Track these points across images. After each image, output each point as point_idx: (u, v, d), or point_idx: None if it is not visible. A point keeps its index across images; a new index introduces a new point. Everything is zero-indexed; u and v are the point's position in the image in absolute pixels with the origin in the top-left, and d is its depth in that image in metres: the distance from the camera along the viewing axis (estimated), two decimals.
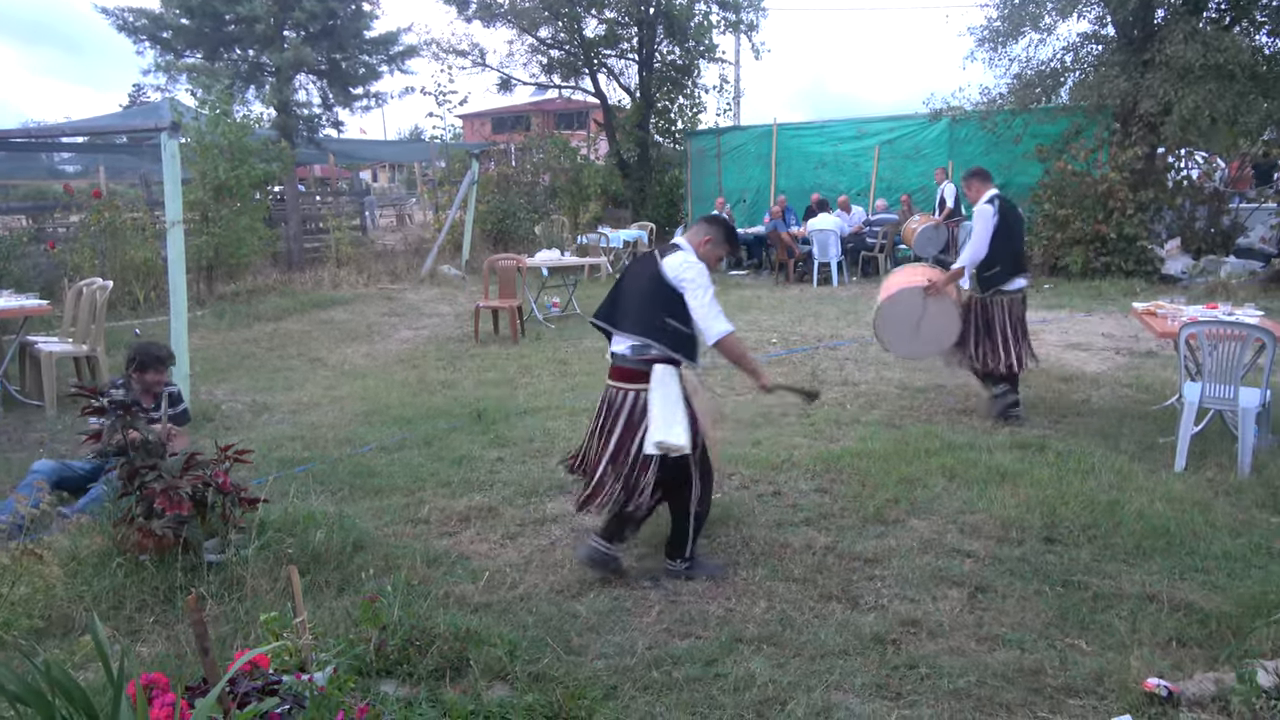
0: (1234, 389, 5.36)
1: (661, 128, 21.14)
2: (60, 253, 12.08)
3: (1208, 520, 4.58)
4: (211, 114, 12.70)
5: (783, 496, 5.21)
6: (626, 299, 4.11)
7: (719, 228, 4.23)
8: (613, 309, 4.15)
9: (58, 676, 2.15)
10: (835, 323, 10.91)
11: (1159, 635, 3.54)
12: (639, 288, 4.08)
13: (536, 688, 3.19)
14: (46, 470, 5.02)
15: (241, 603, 3.76)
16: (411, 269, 15.74)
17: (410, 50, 18.93)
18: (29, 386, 7.77)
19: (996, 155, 15.42)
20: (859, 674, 3.34)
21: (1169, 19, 12.45)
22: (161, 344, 5.28)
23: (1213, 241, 13.46)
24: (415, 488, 5.42)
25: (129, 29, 16.64)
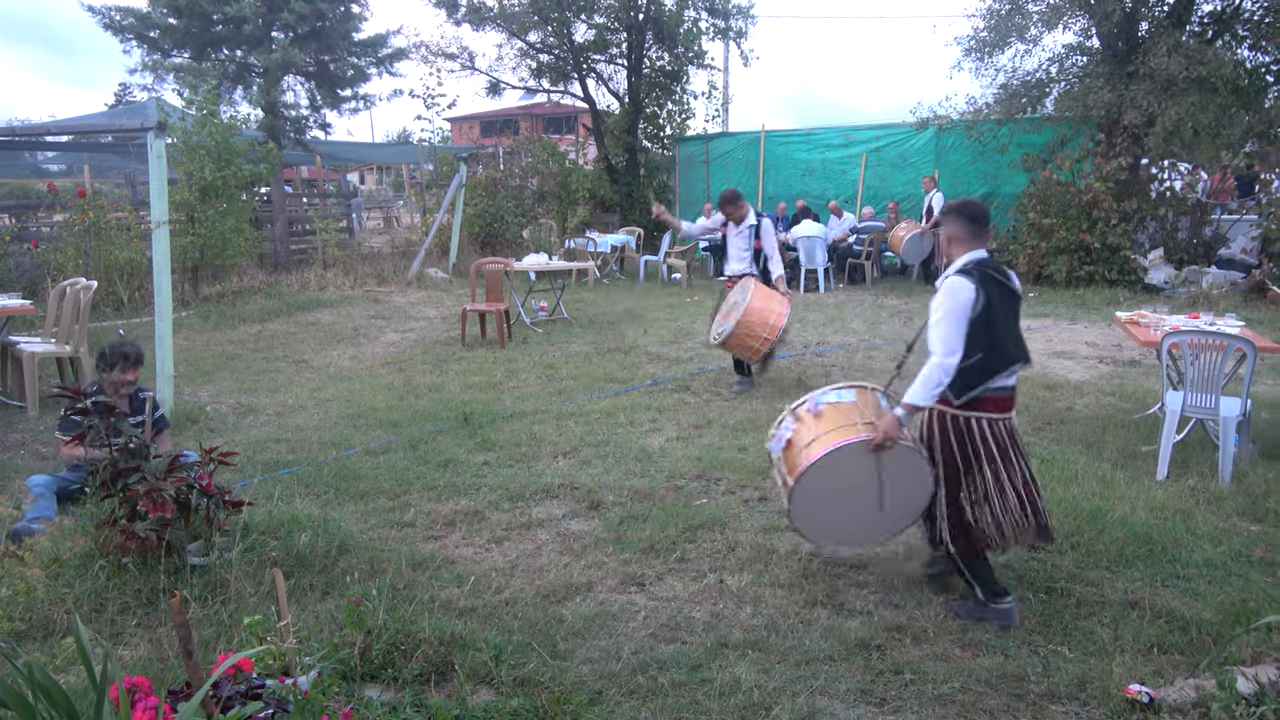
0: (1215, 398, 5.42)
1: (650, 133, 21.18)
2: (44, 252, 11.98)
3: (1189, 528, 4.62)
4: (198, 114, 12.63)
5: (769, 502, 5.23)
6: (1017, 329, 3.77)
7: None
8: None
9: (40, 679, 2.13)
10: (821, 329, 10.95)
11: (1141, 642, 3.57)
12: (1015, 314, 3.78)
13: (522, 692, 3.19)
14: (43, 485, 4.98)
15: (225, 606, 3.74)
16: (398, 272, 15.70)
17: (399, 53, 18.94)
18: (10, 387, 7.70)
19: (982, 164, 15.55)
20: (844, 679, 3.35)
21: (1153, 32, 12.59)
22: (128, 341, 5.20)
23: (1195, 252, 13.60)
24: (401, 491, 5.40)
25: (116, 28, 16.57)
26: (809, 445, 3.83)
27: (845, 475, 3.78)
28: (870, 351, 9.55)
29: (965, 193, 15.92)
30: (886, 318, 11.72)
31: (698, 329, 10.94)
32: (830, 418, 3.89)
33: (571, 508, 5.17)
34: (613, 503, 5.20)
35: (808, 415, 3.96)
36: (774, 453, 4.03)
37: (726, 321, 7.57)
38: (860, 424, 3.80)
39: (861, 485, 3.80)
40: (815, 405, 3.98)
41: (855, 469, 3.76)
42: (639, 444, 6.33)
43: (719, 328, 7.66)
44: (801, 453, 3.84)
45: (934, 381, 3.62)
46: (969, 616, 3.79)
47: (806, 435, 3.89)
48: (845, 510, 3.91)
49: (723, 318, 7.73)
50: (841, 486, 3.81)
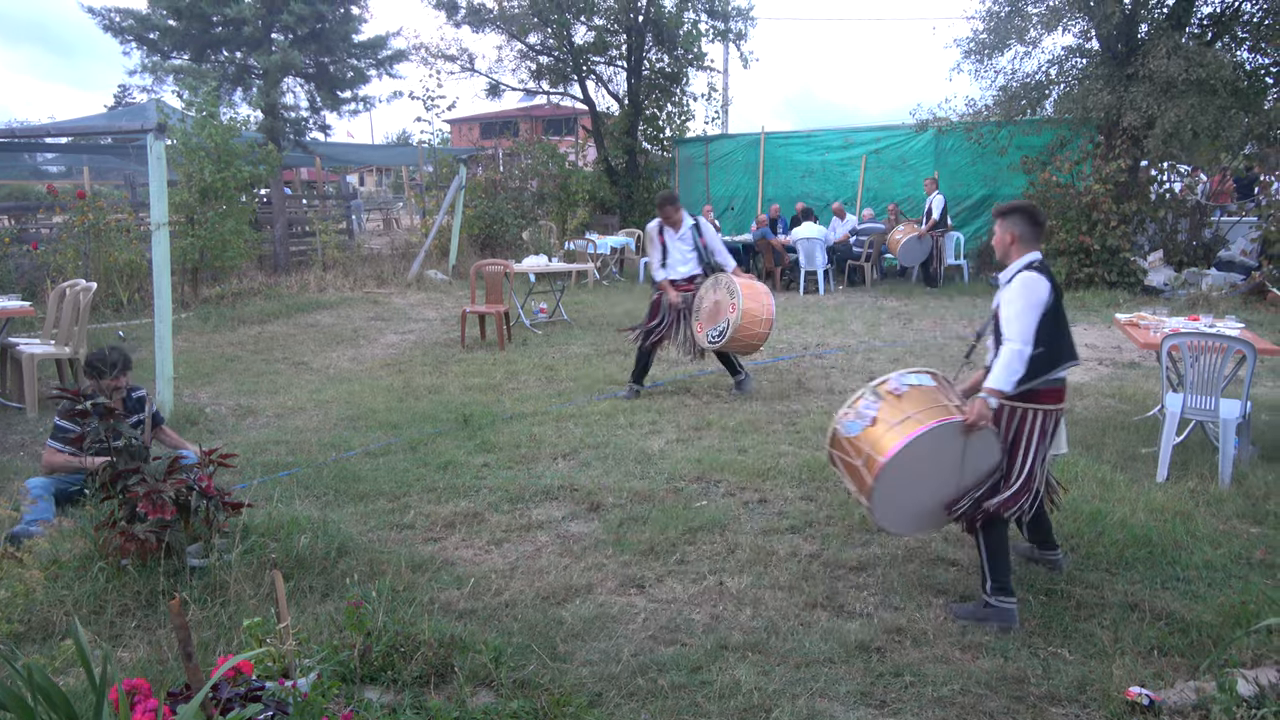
0: (1215, 400, 5.42)
1: (650, 135, 21.19)
2: (43, 254, 11.99)
3: (1189, 530, 4.62)
4: (198, 116, 12.64)
5: (769, 504, 5.23)
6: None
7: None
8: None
9: (39, 681, 2.13)
10: (821, 331, 10.95)
11: (1141, 644, 3.56)
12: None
13: (521, 694, 3.19)
14: (41, 487, 4.97)
15: (224, 608, 3.74)
16: (398, 273, 15.70)
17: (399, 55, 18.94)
18: (10, 388, 7.70)
19: (982, 166, 15.57)
20: (844, 682, 3.35)
21: (1152, 34, 12.60)
22: (112, 347, 5.20)
23: (1194, 254, 13.61)
24: (400, 493, 5.40)
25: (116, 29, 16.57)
26: (901, 423, 3.77)
27: (932, 456, 3.76)
28: (869, 353, 9.55)
29: (964, 195, 15.96)
30: (886, 319, 11.72)
31: None
32: (915, 399, 3.86)
33: (571, 509, 5.17)
34: (612, 504, 5.20)
35: (891, 395, 3.91)
36: (849, 431, 3.93)
37: (719, 321, 7.48)
38: (951, 406, 3.82)
39: (941, 467, 3.80)
40: (899, 385, 3.93)
41: (943, 450, 3.76)
42: (639, 446, 6.33)
43: (713, 330, 7.54)
44: (892, 430, 3.78)
45: (1014, 368, 3.73)
46: (969, 618, 3.81)
47: (895, 415, 3.83)
48: (916, 492, 3.86)
49: (708, 320, 7.62)
50: (924, 468, 3.78)
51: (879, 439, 3.80)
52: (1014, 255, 4.01)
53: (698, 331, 7.69)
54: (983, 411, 3.71)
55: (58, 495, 4.98)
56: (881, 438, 3.79)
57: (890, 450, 3.72)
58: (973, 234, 15.88)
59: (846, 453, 3.96)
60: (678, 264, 7.84)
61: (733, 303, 7.46)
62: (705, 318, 7.67)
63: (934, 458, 3.76)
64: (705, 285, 7.75)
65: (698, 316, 7.71)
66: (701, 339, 7.66)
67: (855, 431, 3.91)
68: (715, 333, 7.52)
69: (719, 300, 7.59)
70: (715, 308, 7.61)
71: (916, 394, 3.89)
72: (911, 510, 3.93)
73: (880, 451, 3.76)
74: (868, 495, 3.82)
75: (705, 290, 7.74)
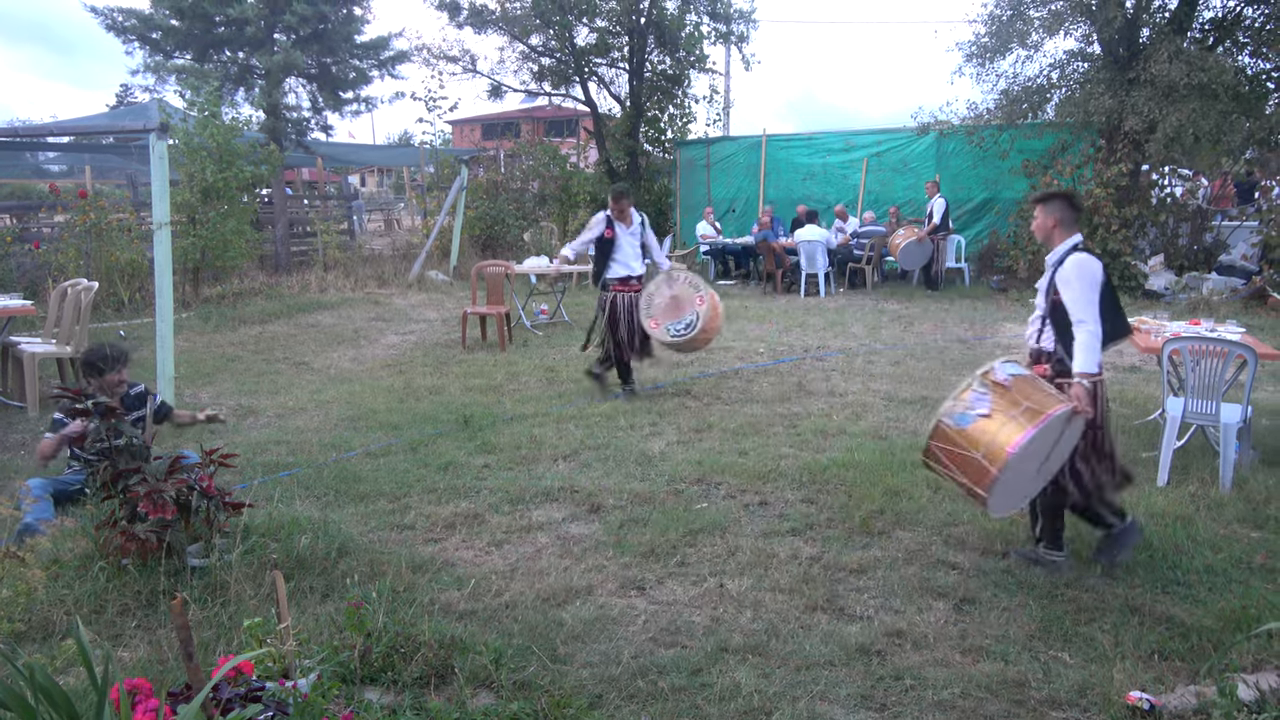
0: (1216, 404, 5.42)
1: (651, 137, 21.19)
2: (45, 253, 12.00)
3: (1189, 535, 4.62)
4: (200, 116, 12.65)
5: (769, 506, 5.23)
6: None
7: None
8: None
9: (40, 680, 2.13)
10: (822, 333, 10.96)
11: (1141, 648, 3.56)
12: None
13: (521, 696, 3.19)
14: (41, 487, 4.97)
15: (225, 608, 3.74)
16: (399, 274, 15.70)
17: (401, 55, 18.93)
18: (11, 387, 7.70)
19: (983, 169, 15.57)
20: (844, 685, 3.35)
21: (1154, 38, 12.61)
22: (108, 344, 5.18)
23: (1195, 258, 13.61)
24: (401, 494, 5.40)
25: (118, 29, 16.57)
26: (1021, 414, 3.86)
27: (1043, 442, 3.91)
28: (870, 356, 9.55)
29: (965, 198, 15.96)
30: (886, 322, 11.72)
31: None
32: (1022, 389, 3.97)
33: (571, 511, 5.17)
34: (613, 506, 5.20)
35: (999, 386, 4.00)
36: (960, 424, 3.97)
37: (683, 315, 7.53)
38: (1054, 394, 3.97)
39: (1045, 451, 3.98)
40: (1006, 376, 4.02)
41: (1051, 436, 3.92)
42: (639, 447, 6.33)
43: (676, 324, 7.55)
44: (1012, 422, 3.85)
45: (1095, 349, 3.95)
46: (1026, 559, 4.29)
47: (1010, 406, 3.92)
48: (1022, 476, 4.01)
49: (667, 315, 7.61)
50: (1036, 454, 3.94)
51: (998, 431, 3.86)
52: (1057, 239, 4.23)
53: (653, 327, 7.61)
54: (1084, 396, 3.90)
55: (58, 495, 4.99)
56: (1001, 429, 3.86)
57: (1017, 441, 3.79)
58: (974, 237, 15.88)
59: (957, 445, 3.98)
60: (630, 259, 7.71)
61: (699, 295, 7.55)
62: (662, 313, 7.63)
63: (1044, 444, 3.92)
64: (657, 281, 7.73)
65: (650, 313, 7.63)
66: (660, 334, 7.61)
67: (967, 424, 3.96)
68: (681, 326, 7.52)
69: (678, 295, 7.61)
70: (674, 303, 7.61)
71: (1022, 384, 3.99)
72: (1016, 493, 4.11)
73: (1006, 443, 3.82)
74: (988, 485, 3.87)
75: (657, 286, 7.71)
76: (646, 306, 7.64)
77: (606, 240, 7.64)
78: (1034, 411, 3.83)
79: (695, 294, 7.58)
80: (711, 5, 20.29)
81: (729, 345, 10.19)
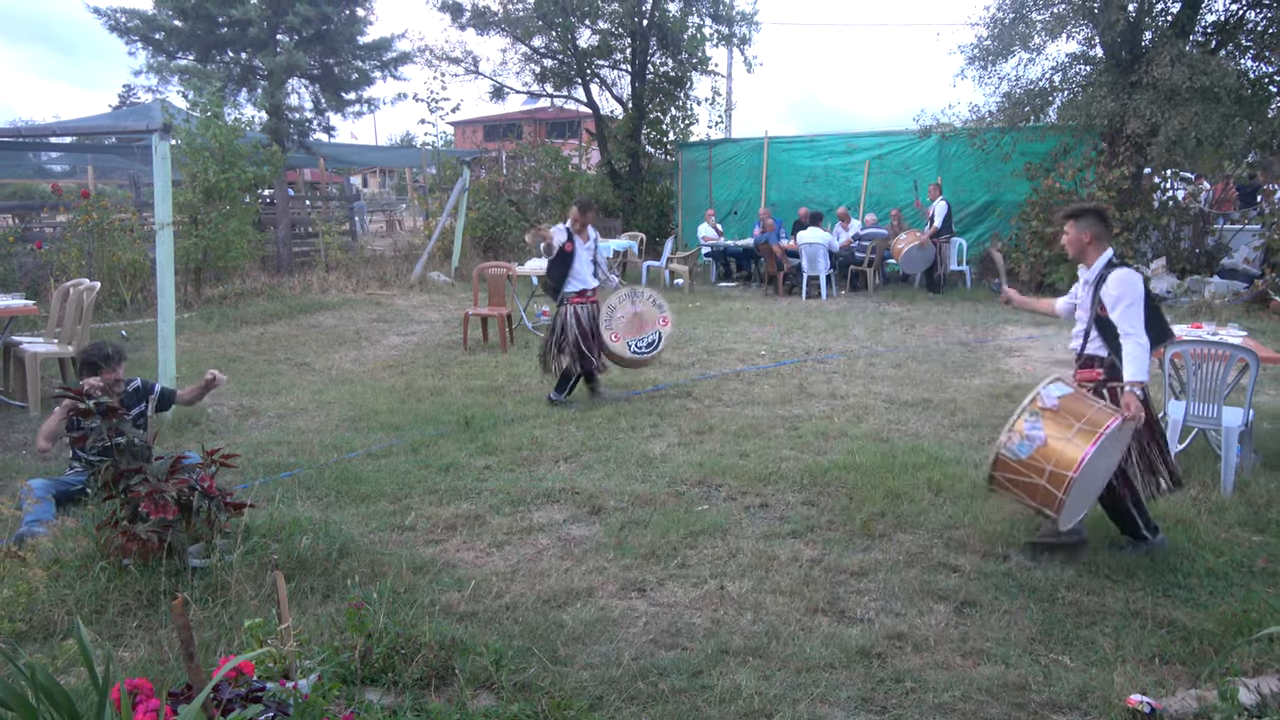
0: (1218, 408, 5.42)
1: (653, 139, 21.21)
2: (47, 253, 12.01)
3: (1191, 538, 4.62)
4: (202, 116, 12.67)
5: (770, 509, 5.23)
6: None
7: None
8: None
9: (41, 680, 2.13)
10: (824, 336, 10.95)
11: (1142, 652, 3.56)
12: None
13: (522, 697, 3.19)
14: (43, 487, 4.98)
15: (226, 608, 3.74)
16: (401, 275, 15.71)
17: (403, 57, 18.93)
18: (13, 387, 7.71)
19: (985, 172, 15.56)
20: (845, 687, 3.35)
21: (1156, 42, 12.61)
22: (106, 341, 5.19)
23: (1197, 262, 13.60)
24: (402, 494, 5.40)
25: (121, 30, 16.59)
26: (1076, 435, 4.05)
27: (1102, 454, 4.08)
28: (871, 359, 9.55)
29: (967, 201, 15.95)
30: (888, 325, 11.72)
31: (700, 335, 10.95)
32: (1071, 409, 4.16)
33: (572, 512, 5.17)
34: (614, 508, 5.20)
35: (1049, 412, 4.18)
36: (1019, 454, 4.16)
37: (645, 332, 7.68)
38: (1103, 407, 4.18)
39: (1104, 461, 4.16)
40: (1052, 401, 4.20)
41: (1109, 447, 4.10)
42: (640, 449, 6.33)
43: (638, 340, 7.67)
44: (1069, 444, 4.04)
45: (1144, 360, 4.15)
46: (1135, 553, 4.36)
47: (1063, 429, 4.11)
48: (1086, 488, 4.18)
49: (629, 331, 7.67)
50: (1096, 467, 4.10)
51: (1059, 454, 4.05)
52: (1091, 254, 4.43)
53: (613, 341, 7.61)
54: (1136, 405, 4.12)
55: (59, 495, 4.99)
56: (1062, 452, 4.05)
57: (1079, 462, 3.98)
58: (975, 240, 15.88)
59: (1019, 473, 4.17)
60: (586, 275, 7.55)
61: (663, 315, 7.75)
62: (624, 328, 7.67)
63: (1103, 455, 4.09)
64: (620, 295, 7.71)
65: (611, 326, 7.62)
66: (620, 348, 7.63)
67: (1026, 453, 4.15)
68: (643, 343, 7.65)
69: (641, 312, 7.67)
70: (637, 319, 7.66)
71: (1070, 403, 4.20)
72: (1084, 501, 4.30)
73: (1067, 466, 4.01)
74: (1058, 508, 4.07)
75: (620, 300, 7.68)
76: (608, 319, 7.60)
77: (566, 254, 7.42)
78: (1088, 432, 4.02)
79: (659, 313, 7.73)
80: (714, 7, 20.33)
81: (730, 347, 10.19)
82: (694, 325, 11.63)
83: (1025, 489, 4.17)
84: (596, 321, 7.55)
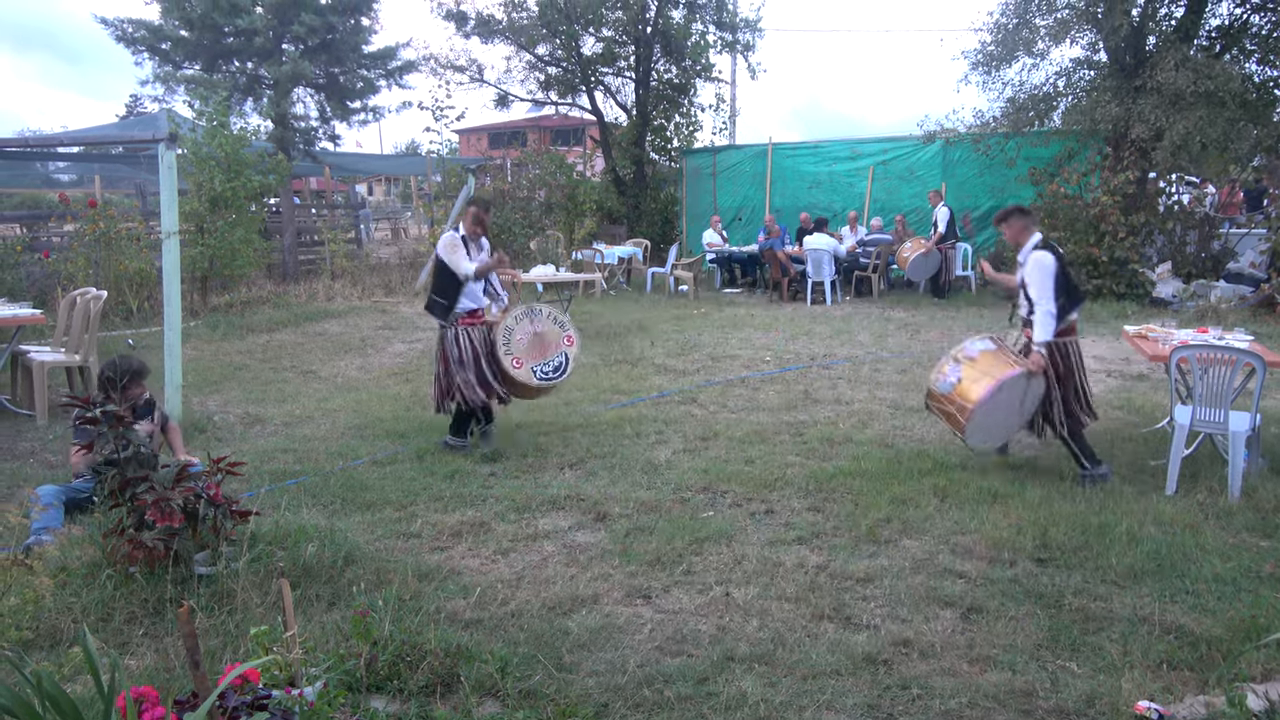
0: (1224, 413, 5.40)
1: (657, 145, 21.23)
2: (54, 262, 12.07)
3: (1198, 543, 4.60)
4: (209, 126, 12.73)
5: (775, 515, 5.22)
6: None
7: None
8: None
9: (48, 688, 2.14)
10: (829, 341, 10.95)
11: (1150, 658, 3.54)
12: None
13: (527, 705, 3.18)
14: (51, 494, 5.00)
15: (231, 616, 3.74)
16: (406, 282, 15.75)
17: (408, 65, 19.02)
18: (20, 396, 7.74)
19: (990, 177, 15.55)
20: (851, 694, 3.34)
21: (1160, 46, 12.60)
22: (128, 357, 5.24)
23: (1203, 266, 13.56)
24: (407, 502, 5.40)
25: (128, 40, 16.69)
26: (983, 378, 5.45)
27: (1006, 395, 5.45)
28: (876, 364, 9.53)
29: (972, 206, 15.94)
30: (893, 330, 11.71)
31: (705, 341, 10.95)
32: (986, 360, 5.57)
33: (577, 519, 5.17)
34: (619, 515, 5.20)
35: (968, 359, 5.61)
36: (943, 389, 5.64)
37: (550, 355, 6.55)
38: (1012, 360, 5.51)
39: (1012, 401, 5.51)
40: (973, 351, 5.66)
41: (1013, 390, 5.46)
42: (645, 456, 6.33)
43: (544, 365, 6.53)
44: (979, 382, 5.45)
45: (1049, 324, 5.40)
46: (1086, 484, 5.45)
47: (974, 373, 5.52)
48: (1000, 419, 5.56)
49: (531, 354, 6.49)
50: (1001, 403, 5.46)
51: (966, 391, 5.49)
52: (1024, 240, 5.65)
53: (515, 367, 6.40)
54: (1039, 361, 5.41)
55: (67, 503, 5.01)
56: (969, 390, 5.48)
57: (978, 398, 5.40)
58: (981, 245, 15.86)
59: (942, 403, 5.65)
60: (477, 291, 6.47)
61: (566, 334, 6.65)
62: (526, 352, 6.46)
63: (1007, 396, 5.44)
64: (514, 315, 6.51)
65: (510, 350, 6.40)
66: (524, 375, 6.44)
67: (947, 390, 5.60)
68: (549, 368, 6.51)
69: (542, 332, 6.53)
70: (539, 341, 6.50)
71: (986, 356, 5.58)
72: (995, 432, 5.70)
73: (969, 401, 5.45)
74: (963, 430, 5.54)
75: (517, 320, 6.49)
76: (505, 343, 6.39)
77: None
78: (993, 376, 5.40)
79: (563, 332, 6.64)
80: (717, 14, 20.37)
81: (735, 354, 10.19)
82: (699, 331, 11.64)
83: (945, 415, 5.66)
84: (493, 346, 6.40)
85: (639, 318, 12.87)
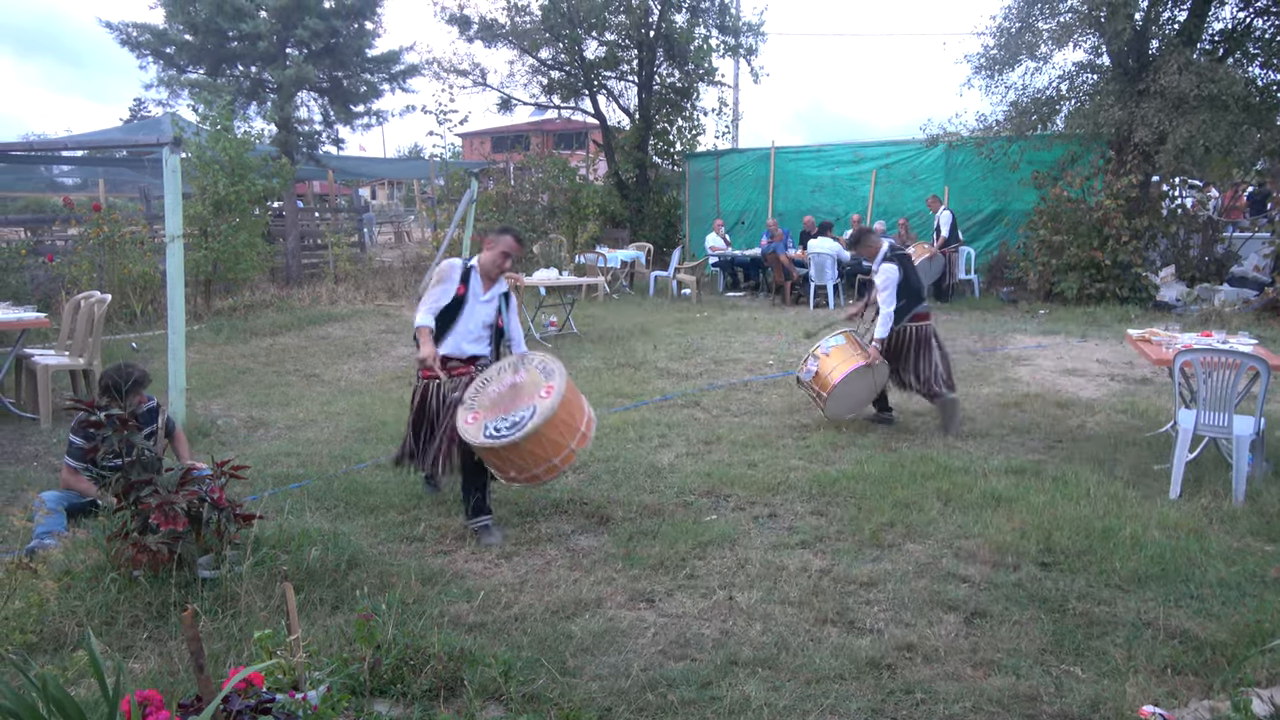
0: (1228, 417, 5.39)
1: (660, 149, 21.26)
2: (58, 265, 12.08)
3: (1202, 547, 4.59)
4: (212, 129, 12.75)
5: (779, 519, 5.22)
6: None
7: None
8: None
9: (53, 692, 2.14)
10: None
11: (1154, 662, 3.54)
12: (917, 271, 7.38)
13: (531, 709, 3.18)
14: (55, 499, 5.00)
15: (235, 619, 3.75)
16: (409, 286, 15.75)
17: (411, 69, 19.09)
18: (24, 399, 7.75)
19: (993, 181, 15.55)
20: (854, 699, 3.33)
21: (1163, 50, 12.60)
22: (128, 365, 5.19)
23: (1207, 270, 13.55)
24: (410, 505, 5.41)
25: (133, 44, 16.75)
26: (833, 370, 6.92)
27: (855, 381, 6.94)
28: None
29: (975, 210, 15.95)
30: None
31: (708, 345, 10.95)
32: (837, 354, 6.99)
33: (580, 523, 5.17)
34: (622, 518, 5.20)
35: (823, 355, 7.04)
36: (805, 378, 7.14)
37: (516, 410, 4.80)
38: (859, 354, 6.93)
39: (861, 384, 7.03)
40: (826, 348, 7.06)
41: (861, 376, 6.93)
42: (648, 460, 6.33)
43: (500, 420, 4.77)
44: (830, 374, 6.92)
45: (887, 324, 6.86)
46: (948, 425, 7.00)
47: (829, 366, 6.97)
48: (852, 397, 7.10)
49: (494, 410, 4.87)
50: (852, 386, 6.97)
51: (824, 378, 6.96)
52: (873, 252, 7.12)
53: (467, 424, 4.83)
54: (876, 354, 6.89)
55: (70, 508, 5.02)
56: (826, 377, 6.95)
57: (832, 384, 6.90)
58: (983, 249, 15.86)
59: (809, 387, 7.14)
60: (466, 338, 5.25)
61: (548, 385, 4.86)
62: (489, 407, 4.91)
63: (857, 381, 6.95)
64: (500, 365, 5.15)
65: (474, 404, 4.95)
66: (473, 433, 4.77)
67: (809, 378, 7.09)
68: (506, 424, 4.74)
69: (520, 383, 4.97)
70: (512, 393, 4.93)
71: (837, 351, 7.01)
72: (850, 407, 7.21)
73: (826, 387, 6.94)
74: (824, 406, 7.04)
75: (498, 371, 5.10)
76: (474, 396, 5.00)
77: (457, 298, 5.22)
78: (841, 368, 6.86)
79: (544, 382, 4.90)
80: (720, 18, 20.39)
81: (738, 357, 10.19)
82: (702, 335, 11.64)
83: (814, 394, 7.12)
84: (454, 404, 5.03)
85: (642, 321, 12.88)
